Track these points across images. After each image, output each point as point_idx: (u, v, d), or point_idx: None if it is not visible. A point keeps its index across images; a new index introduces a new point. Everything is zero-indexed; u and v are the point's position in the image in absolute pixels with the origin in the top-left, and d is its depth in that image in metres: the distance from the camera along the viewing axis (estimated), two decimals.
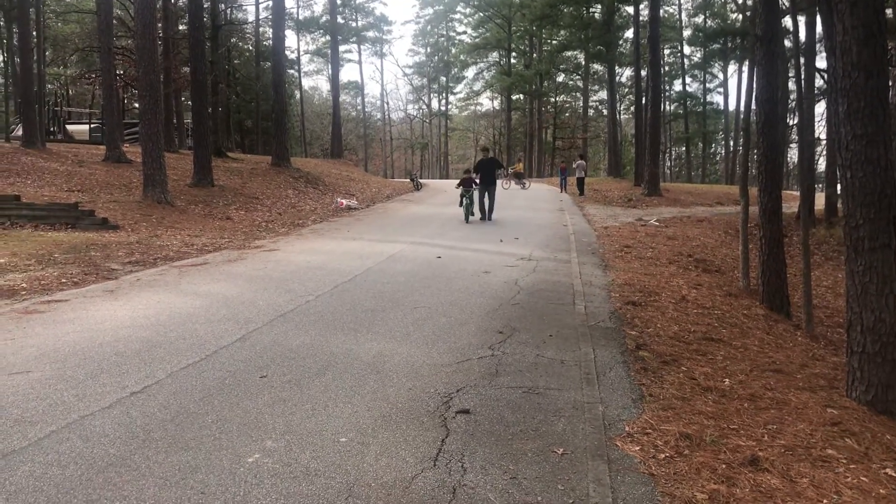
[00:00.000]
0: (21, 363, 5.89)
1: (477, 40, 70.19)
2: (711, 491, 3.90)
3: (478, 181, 20.51)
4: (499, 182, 22.39)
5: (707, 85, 67.80)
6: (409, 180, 40.90)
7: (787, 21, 25.21)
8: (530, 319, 7.84)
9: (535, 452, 4.27)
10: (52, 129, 36.61)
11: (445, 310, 8.17)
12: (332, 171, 36.32)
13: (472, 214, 19.80)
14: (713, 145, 73.79)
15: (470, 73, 76.74)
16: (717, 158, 75.46)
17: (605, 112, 66.00)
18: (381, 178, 49.25)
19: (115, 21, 31.22)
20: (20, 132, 31.04)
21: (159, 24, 29.28)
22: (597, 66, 62.63)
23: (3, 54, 41.95)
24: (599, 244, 15.54)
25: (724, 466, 4.23)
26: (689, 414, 5.15)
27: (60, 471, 3.83)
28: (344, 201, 25.58)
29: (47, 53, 39.04)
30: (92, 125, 38.31)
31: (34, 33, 31.12)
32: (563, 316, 8.10)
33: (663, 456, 4.36)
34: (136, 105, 41.28)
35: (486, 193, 20.19)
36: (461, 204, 20.02)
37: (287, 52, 43.43)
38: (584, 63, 62.29)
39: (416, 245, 14.27)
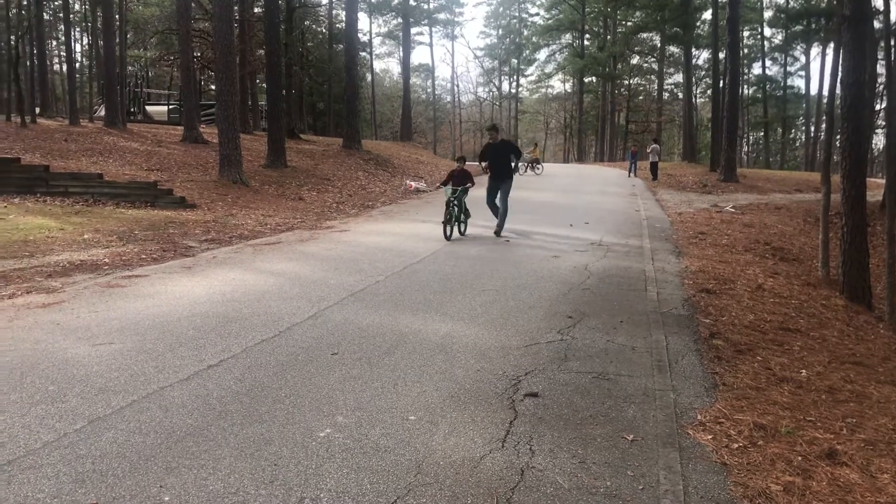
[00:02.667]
0: (104, 335, 6.12)
1: (550, 22, 69.28)
2: (787, 483, 3.79)
3: (473, 176, 13.89)
4: (485, 177, 14.52)
5: (788, 68, 65.48)
6: (478, 163, 40.77)
7: (877, 0, 24.19)
8: (600, 305, 7.74)
9: (604, 438, 4.23)
10: (132, 109, 37.78)
11: (513, 293, 8.14)
12: (402, 154, 36.53)
13: (461, 226, 13.15)
14: (793, 130, 71.38)
15: (542, 55, 75.88)
16: (797, 144, 73.00)
17: (680, 95, 64.45)
18: (449, 161, 49.25)
19: (192, 4, 31.93)
20: (103, 112, 32.15)
21: (235, 7, 29.82)
22: (673, 49, 61.26)
23: (87, 37, 43.43)
24: (673, 230, 15.25)
25: (799, 458, 4.11)
26: (764, 404, 5.02)
27: (142, 438, 3.97)
28: (413, 184, 25.71)
29: (128, 36, 40.31)
30: (170, 106, 39.39)
31: (117, 17, 32.10)
32: (635, 302, 7.98)
33: (736, 446, 4.26)
34: (213, 87, 42.23)
35: (499, 192, 13.72)
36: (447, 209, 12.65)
37: (359, 35, 43.72)
38: (659, 45, 61.01)
39: (485, 228, 14.22)
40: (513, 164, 14.16)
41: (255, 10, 38.37)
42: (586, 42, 66.61)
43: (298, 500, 3.32)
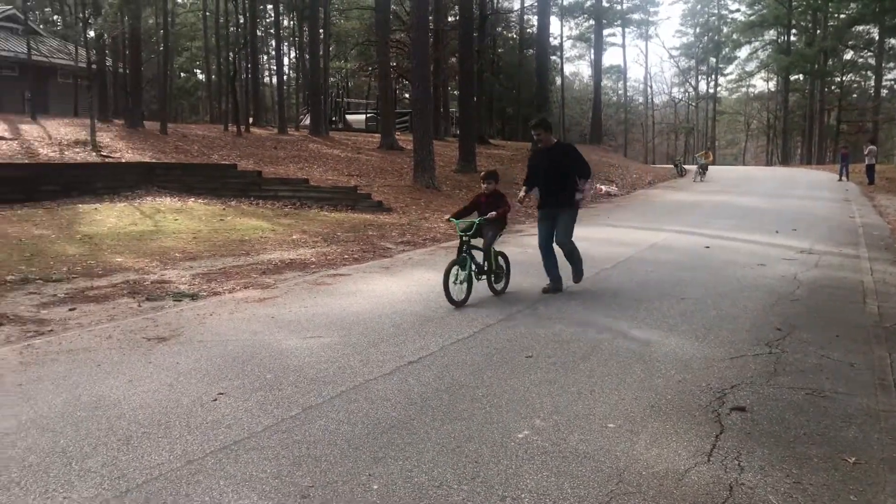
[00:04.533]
0: (313, 329, 6.52)
1: (752, 18, 65.65)
2: None
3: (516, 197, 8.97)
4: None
5: None
6: (672, 166, 39.65)
7: None
8: (812, 317, 7.21)
9: (821, 458, 3.92)
10: (333, 118, 40.05)
11: (715, 302, 7.77)
12: (591, 157, 35.90)
13: (494, 278, 8.05)
14: None
15: (742, 52, 72.09)
16: None
17: None
18: (641, 164, 48.07)
19: (390, 16, 33.35)
20: (307, 121, 34.33)
21: (430, 17, 30.80)
22: (893, 41, 56.00)
23: (295, 51, 46.56)
24: (894, 239, 13.92)
25: None
26: None
27: (350, 428, 4.18)
28: (603, 187, 25.32)
29: (331, 49, 42.74)
30: (368, 115, 41.34)
31: (321, 31, 34.18)
32: (851, 315, 7.35)
33: None
34: (407, 95, 43.86)
35: (557, 226, 8.31)
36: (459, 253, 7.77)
37: (550, 39, 43.68)
38: (877, 38, 56.00)
39: (681, 234, 13.73)
40: (578, 184, 8.30)
41: (449, 18, 39.41)
42: (792, 38, 62.51)
43: (500, 499, 3.35)
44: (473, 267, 7.71)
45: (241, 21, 35.54)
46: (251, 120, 34.23)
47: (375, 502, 3.31)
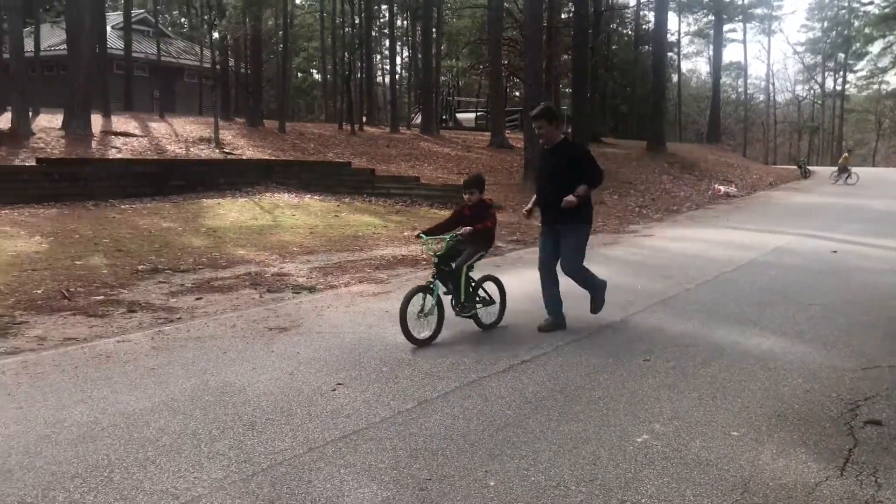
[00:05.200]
0: None
1: (887, 10, 61.70)
2: None
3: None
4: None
5: None
6: (796, 167, 38.01)
7: None
8: None
9: None
10: (444, 117, 40.36)
11: (844, 309, 7.36)
12: (709, 157, 34.93)
13: (478, 308, 6.53)
14: None
15: (875, 47, 67.78)
16: None
17: None
18: (761, 165, 46.14)
19: (503, 13, 33.28)
20: (418, 120, 34.77)
21: (544, 14, 30.57)
22: None
23: (407, 50, 47.23)
24: None
25: None
26: None
27: (465, 423, 4.19)
28: (721, 188, 24.49)
29: (443, 48, 43.08)
30: (478, 113, 41.46)
31: (434, 30, 34.50)
32: None
33: None
34: (517, 93, 43.70)
35: (561, 249, 6.76)
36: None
37: (667, 35, 42.55)
38: None
39: (805, 237, 13.11)
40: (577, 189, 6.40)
41: (563, 15, 39.00)
42: None
43: (619, 502, 3.27)
44: (444, 294, 6.27)
45: (357, 22, 36.35)
46: (364, 118, 34.93)
47: (493, 499, 3.30)
